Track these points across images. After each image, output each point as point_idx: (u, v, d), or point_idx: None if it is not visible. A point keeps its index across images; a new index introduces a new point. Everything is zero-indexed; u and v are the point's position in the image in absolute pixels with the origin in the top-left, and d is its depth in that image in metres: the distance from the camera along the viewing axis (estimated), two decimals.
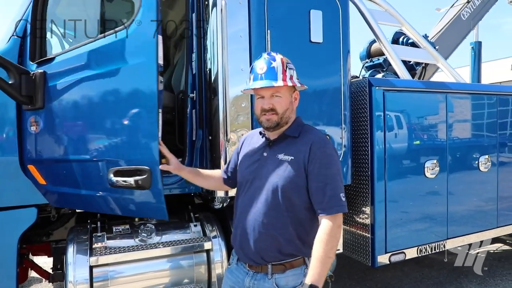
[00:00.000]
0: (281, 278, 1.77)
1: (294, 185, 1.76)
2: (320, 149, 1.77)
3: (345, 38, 3.30)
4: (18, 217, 2.61)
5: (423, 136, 3.76)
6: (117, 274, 2.66)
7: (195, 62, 3.02)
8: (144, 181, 2.24)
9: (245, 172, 1.92)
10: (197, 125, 2.99)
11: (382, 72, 5.01)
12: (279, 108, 1.80)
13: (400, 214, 3.63)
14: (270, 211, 1.78)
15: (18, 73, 2.09)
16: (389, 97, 3.53)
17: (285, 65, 1.84)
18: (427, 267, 4.84)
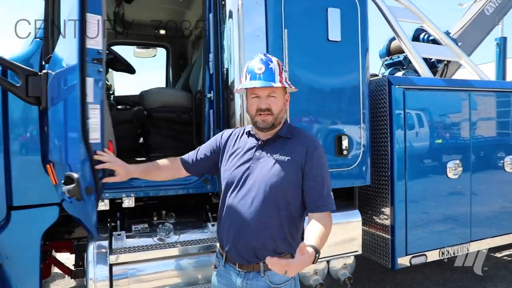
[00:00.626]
0: (273, 275, 1.80)
1: (291, 184, 1.83)
2: (315, 151, 1.86)
3: (363, 36, 3.25)
4: (41, 215, 2.66)
5: (445, 136, 3.67)
6: (136, 272, 2.69)
7: (212, 62, 3.03)
8: (73, 190, 1.87)
9: (234, 172, 1.90)
10: (215, 125, 3.00)
11: (402, 70, 4.90)
12: (275, 109, 1.85)
13: (421, 215, 3.55)
14: (267, 210, 1.81)
15: (24, 75, 2.09)
16: (410, 95, 3.45)
17: (281, 67, 1.89)
18: (450, 270, 4.71)
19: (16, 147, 2.60)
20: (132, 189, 2.88)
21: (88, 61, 1.83)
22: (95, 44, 1.86)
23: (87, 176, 1.88)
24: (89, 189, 1.85)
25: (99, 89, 1.89)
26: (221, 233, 1.96)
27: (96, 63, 1.88)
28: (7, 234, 2.58)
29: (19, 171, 2.61)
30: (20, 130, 2.62)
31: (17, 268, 2.59)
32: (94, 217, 2.05)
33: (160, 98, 3.32)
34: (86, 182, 1.86)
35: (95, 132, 1.88)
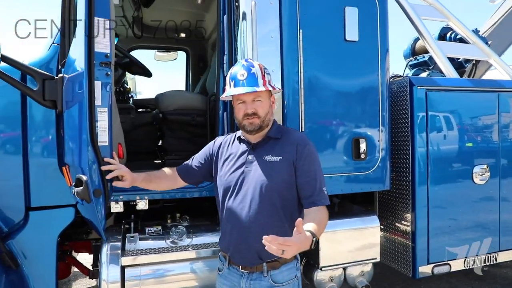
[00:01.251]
0: (276, 274, 1.88)
1: (286, 183, 1.88)
2: (305, 148, 1.91)
3: (383, 35, 3.14)
4: (57, 216, 2.72)
5: (471, 139, 3.48)
6: (149, 275, 2.70)
7: (226, 64, 3.00)
8: (82, 193, 1.91)
9: (230, 177, 1.96)
10: (228, 127, 2.97)
11: (427, 70, 4.71)
12: (261, 112, 1.91)
13: (444, 222, 3.38)
14: (265, 211, 1.86)
15: (41, 79, 2.13)
16: (432, 97, 3.30)
17: (263, 71, 1.94)
18: (478, 280, 4.48)
19: (34, 150, 2.67)
20: (146, 192, 2.89)
21: (96, 64, 1.84)
22: (103, 47, 1.87)
23: (95, 179, 1.89)
24: (97, 192, 1.87)
25: (107, 92, 1.91)
26: (223, 238, 2.02)
27: (104, 67, 1.89)
28: (25, 234, 2.66)
29: (36, 173, 2.68)
30: (38, 133, 2.69)
31: (34, 267, 2.66)
32: (102, 219, 2.06)
33: (175, 101, 3.33)
34: (94, 185, 1.88)
35: (104, 135, 1.91)
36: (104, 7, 1.89)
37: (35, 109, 2.63)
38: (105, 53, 1.89)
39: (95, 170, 1.89)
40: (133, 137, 4.32)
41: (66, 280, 4.57)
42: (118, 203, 2.85)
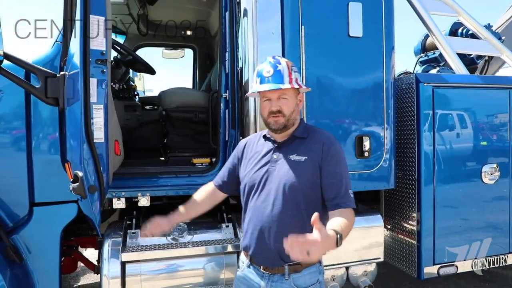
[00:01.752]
0: (298, 277, 1.82)
1: (311, 183, 1.82)
2: (332, 147, 1.85)
3: (388, 31, 3.08)
4: (61, 212, 2.75)
5: (480, 138, 3.39)
6: (149, 271, 2.72)
7: (228, 61, 2.99)
8: (78, 189, 1.93)
9: (254, 176, 1.92)
10: (230, 125, 2.96)
11: (437, 67, 4.60)
12: (286, 110, 1.85)
13: (451, 222, 3.31)
14: (288, 211, 1.81)
15: (43, 76, 2.15)
16: (439, 94, 3.23)
17: (290, 68, 1.88)
18: (488, 282, 4.37)
19: (38, 147, 2.70)
20: (148, 189, 2.92)
21: (92, 62, 1.85)
22: (99, 45, 1.87)
23: (90, 175, 1.91)
24: (92, 188, 1.88)
25: (103, 90, 1.91)
26: (245, 236, 1.96)
27: (99, 64, 1.89)
28: (29, 229, 2.70)
29: (40, 169, 2.72)
30: (42, 130, 2.72)
31: (38, 262, 2.70)
32: (98, 215, 2.08)
33: (178, 98, 3.34)
34: (89, 181, 1.89)
35: (99, 132, 1.92)
36: (100, 5, 1.90)
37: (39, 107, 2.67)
38: (101, 51, 1.90)
39: (91, 166, 1.90)
40: (140, 135, 4.37)
41: (74, 275, 4.65)
42: (120, 200, 2.88)
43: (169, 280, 2.76)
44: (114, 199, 2.89)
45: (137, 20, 4.04)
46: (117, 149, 2.28)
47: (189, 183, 2.97)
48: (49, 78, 2.36)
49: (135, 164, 3.38)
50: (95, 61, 1.88)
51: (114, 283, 2.60)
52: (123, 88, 3.53)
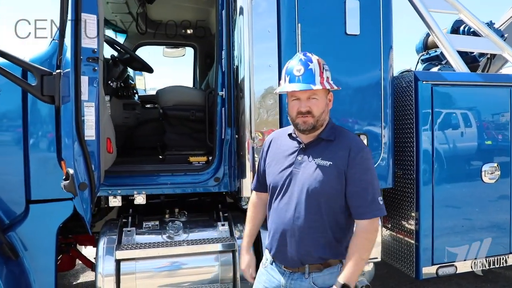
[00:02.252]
0: (318, 277, 1.80)
1: (334, 190, 1.77)
2: (358, 154, 1.77)
3: (386, 29, 3.06)
4: (57, 209, 2.75)
5: (480, 136, 3.35)
6: (144, 269, 2.72)
7: (224, 60, 2.99)
8: (69, 186, 1.95)
9: (278, 177, 1.88)
10: (226, 123, 2.96)
11: (439, 65, 4.55)
12: (316, 111, 1.78)
13: (450, 222, 3.27)
14: (310, 215, 1.78)
15: (39, 74, 2.15)
16: (438, 92, 3.19)
17: (322, 67, 1.80)
18: (490, 283, 4.32)
19: (34, 144, 2.71)
20: (144, 187, 2.92)
21: (83, 60, 1.85)
22: (90, 43, 1.87)
23: (81, 172, 1.91)
24: (82, 185, 1.88)
25: (94, 88, 1.91)
26: (268, 236, 1.95)
27: (91, 62, 1.89)
28: (25, 226, 2.71)
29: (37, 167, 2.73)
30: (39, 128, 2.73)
31: (35, 258, 2.71)
32: (88, 213, 2.08)
33: (174, 97, 3.34)
34: (80, 179, 1.89)
35: (90, 129, 1.91)
36: (92, 3, 1.89)
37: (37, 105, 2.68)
38: (92, 49, 1.90)
39: (81, 164, 1.91)
40: (140, 133, 4.38)
41: (74, 272, 4.68)
42: (116, 198, 2.90)
43: (164, 279, 2.77)
44: (110, 197, 2.90)
45: (136, 18, 4.05)
46: (109, 147, 2.29)
47: (185, 181, 2.98)
48: (45, 76, 2.35)
49: (132, 162, 3.39)
50: (86, 59, 1.88)
51: (109, 281, 2.61)
52: (121, 87, 3.54)
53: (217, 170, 2.96)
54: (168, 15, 4.43)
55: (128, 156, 3.89)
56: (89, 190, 1.96)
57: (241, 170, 2.87)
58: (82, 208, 2.08)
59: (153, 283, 2.74)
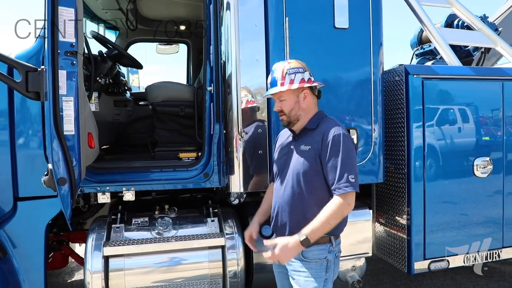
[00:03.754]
0: (307, 251, 2.02)
1: (313, 171, 2.05)
2: (330, 137, 2.02)
3: (376, 23, 3.03)
4: (45, 207, 2.74)
5: (473, 130, 3.33)
6: (132, 265, 2.71)
7: (212, 55, 2.96)
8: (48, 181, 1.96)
9: (277, 163, 2.25)
10: (214, 119, 2.94)
11: (433, 60, 4.53)
12: (285, 109, 2.14)
13: (442, 217, 3.25)
14: (296, 195, 2.07)
15: (24, 70, 2.13)
16: (429, 86, 3.17)
17: (284, 72, 2.12)
18: (485, 278, 4.29)
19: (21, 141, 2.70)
20: (133, 183, 2.91)
21: (61, 54, 1.84)
22: (68, 37, 1.86)
23: (60, 167, 1.90)
24: (61, 180, 1.87)
25: (73, 82, 1.90)
26: (271, 216, 2.25)
27: (69, 56, 1.88)
28: (14, 223, 2.69)
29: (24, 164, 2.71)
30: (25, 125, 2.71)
31: (24, 256, 2.70)
32: (68, 208, 2.07)
33: (163, 92, 3.31)
34: (58, 174, 1.87)
35: (69, 124, 1.90)
36: None
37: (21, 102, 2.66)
38: (70, 43, 1.89)
39: (60, 158, 1.90)
40: (132, 130, 4.37)
41: (69, 270, 4.68)
42: (105, 194, 2.88)
43: (153, 275, 2.76)
44: (99, 193, 2.88)
45: (126, 14, 4.02)
46: (91, 142, 2.27)
47: (174, 177, 2.96)
48: (30, 72, 2.32)
49: (122, 159, 3.37)
50: (64, 53, 1.87)
51: (97, 278, 2.60)
52: (111, 83, 3.51)
53: (206, 166, 2.94)
54: (159, 12, 4.40)
55: (121, 153, 3.88)
56: (69, 185, 1.95)
57: (229, 166, 2.85)
58: (62, 204, 2.06)
59: (142, 279, 2.73)
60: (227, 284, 2.82)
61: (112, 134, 3.91)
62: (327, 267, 2.07)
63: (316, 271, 2.04)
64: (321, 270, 2.05)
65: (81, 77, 2.02)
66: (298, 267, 2.07)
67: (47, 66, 1.81)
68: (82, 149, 2.08)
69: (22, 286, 2.70)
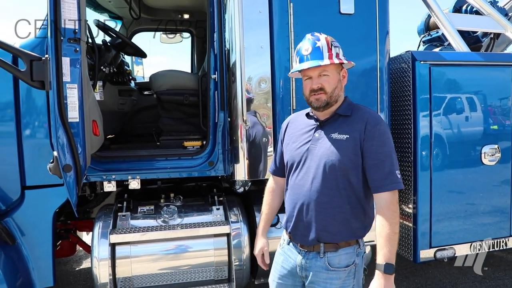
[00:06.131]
0: (333, 256, 1.79)
1: (351, 163, 1.76)
2: (375, 127, 1.76)
3: (382, 8, 2.96)
4: (52, 195, 2.77)
5: (481, 118, 3.28)
6: (139, 253, 2.74)
7: (216, 42, 2.94)
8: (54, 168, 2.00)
9: (295, 153, 1.89)
10: (219, 107, 2.93)
11: (440, 46, 4.45)
12: (327, 87, 1.79)
13: (449, 206, 3.23)
14: (326, 190, 1.77)
15: (28, 60, 2.13)
16: (437, 72, 3.12)
17: (330, 43, 1.82)
18: (491, 266, 4.28)
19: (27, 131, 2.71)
20: (138, 171, 2.92)
21: (64, 41, 1.83)
22: (71, 24, 1.85)
23: (65, 154, 1.91)
24: (66, 167, 1.88)
25: (76, 69, 1.89)
26: (286, 213, 1.95)
27: (72, 43, 1.87)
28: (22, 212, 2.74)
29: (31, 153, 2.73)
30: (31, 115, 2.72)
31: (32, 244, 2.74)
32: (73, 195, 2.08)
33: (167, 81, 3.31)
34: (64, 161, 1.89)
35: (74, 111, 1.90)
36: None
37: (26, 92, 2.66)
38: (73, 29, 1.88)
39: (65, 145, 1.90)
40: (138, 119, 4.38)
41: (77, 258, 4.75)
42: (111, 183, 2.90)
43: (159, 262, 2.79)
44: (105, 182, 2.91)
45: (129, 3, 4.00)
46: (96, 130, 2.28)
47: (179, 166, 2.97)
48: (34, 61, 2.34)
49: (128, 148, 3.39)
50: (67, 40, 1.86)
51: (104, 265, 2.63)
52: (115, 72, 3.51)
53: (211, 154, 2.95)
54: (162, 0, 4.37)
55: (126, 143, 3.90)
56: (74, 172, 1.96)
57: (234, 154, 2.85)
58: (68, 191, 2.08)
59: (148, 267, 2.76)
60: (233, 272, 2.84)
61: (117, 124, 3.92)
62: (355, 272, 1.83)
63: (344, 280, 1.80)
64: (350, 278, 1.81)
65: (84, 65, 2.01)
66: (324, 278, 1.80)
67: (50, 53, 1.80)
68: (87, 136, 2.09)
69: (31, 273, 2.75)
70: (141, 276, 2.73)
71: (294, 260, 1.89)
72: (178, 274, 2.80)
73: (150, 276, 2.76)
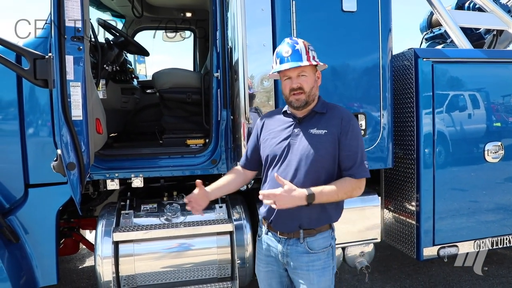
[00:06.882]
0: (312, 241, 1.97)
1: (330, 156, 1.94)
2: (349, 122, 1.98)
3: (384, 7, 2.95)
4: (55, 193, 2.78)
5: (484, 115, 3.26)
6: (142, 251, 2.75)
7: (219, 40, 2.94)
8: (58, 166, 1.99)
9: (275, 148, 2.03)
10: (222, 105, 2.93)
11: (443, 43, 4.44)
12: (306, 86, 1.96)
13: (452, 204, 3.22)
14: (308, 181, 1.91)
15: (32, 58, 2.13)
16: (440, 69, 3.10)
17: (307, 47, 2.00)
18: (495, 264, 4.28)
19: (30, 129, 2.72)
20: (141, 170, 2.93)
21: (67, 39, 1.84)
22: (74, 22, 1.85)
23: (69, 152, 1.91)
24: (70, 165, 1.89)
25: (80, 67, 1.90)
26: (265, 205, 2.05)
27: (76, 41, 1.88)
28: (25, 210, 2.74)
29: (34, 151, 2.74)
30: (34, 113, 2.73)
31: (35, 242, 2.75)
32: (77, 193, 2.09)
33: (170, 79, 3.31)
34: (68, 159, 1.89)
35: (77, 109, 1.91)
36: None
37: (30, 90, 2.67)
38: (77, 28, 1.89)
39: (69, 143, 1.91)
40: (141, 118, 4.38)
41: (80, 257, 4.77)
42: (114, 181, 2.91)
43: (162, 260, 2.79)
44: (108, 180, 2.92)
45: (132, 2, 4.00)
46: (99, 128, 2.28)
47: (182, 164, 2.98)
48: (37, 60, 2.33)
49: (131, 146, 3.40)
50: (70, 38, 1.87)
51: (107, 263, 2.64)
52: (118, 71, 3.52)
53: (214, 152, 2.95)
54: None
55: (129, 141, 3.91)
56: (78, 170, 1.97)
57: (237, 152, 2.85)
58: (72, 189, 2.08)
59: (151, 265, 2.77)
60: (236, 270, 2.84)
61: (120, 122, 3.93)
62: (332, 254, 2.04)
63: (325, 261, 1.99)
64: (329, 259, 2.01)
65: (88, 63, 2.02)
66: (306, 262, 1.96)
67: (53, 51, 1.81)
68: (90, 134, 2.10)
69: (35, 271, 2.76)
70: (144, 274, 2.75)
71: (275, 248, 2.04)
72: (181, 272, 2.81)
73: (153, 274, 2.77)
